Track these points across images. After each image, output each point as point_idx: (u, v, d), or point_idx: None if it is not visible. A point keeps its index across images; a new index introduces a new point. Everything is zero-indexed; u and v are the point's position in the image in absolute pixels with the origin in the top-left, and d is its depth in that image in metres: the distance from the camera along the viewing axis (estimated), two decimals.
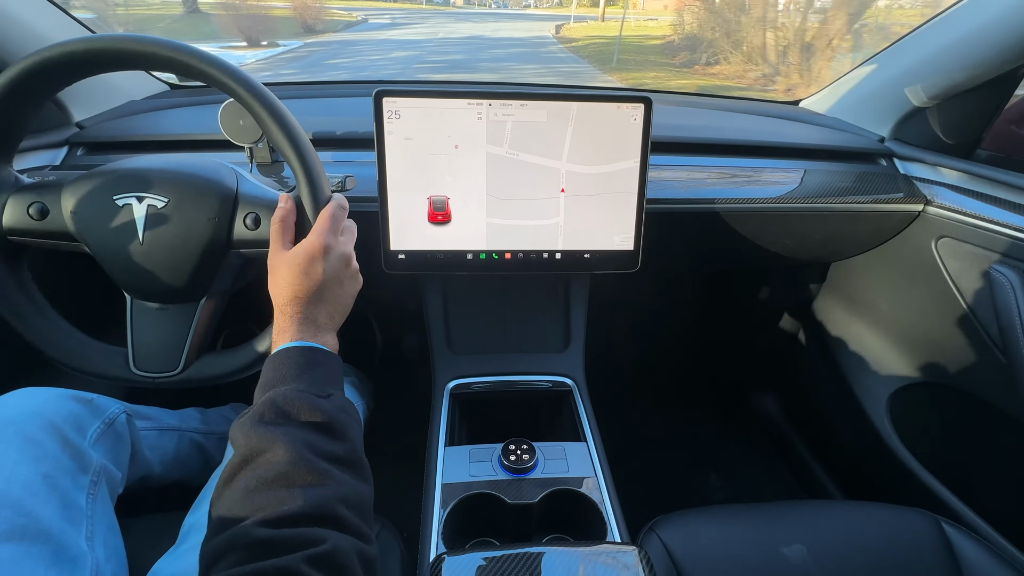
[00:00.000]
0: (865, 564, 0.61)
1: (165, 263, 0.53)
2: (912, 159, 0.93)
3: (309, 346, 0.46)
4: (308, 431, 0.39)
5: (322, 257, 0.49)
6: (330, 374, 0.46)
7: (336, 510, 0.35)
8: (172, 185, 0.53)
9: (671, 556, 0.60)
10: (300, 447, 0.37)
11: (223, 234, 0.54)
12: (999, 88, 0.83)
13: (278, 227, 0.51)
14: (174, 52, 0.46)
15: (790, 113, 1.13)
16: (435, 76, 8.34)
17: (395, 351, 1.33)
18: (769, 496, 1.21)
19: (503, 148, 0.69)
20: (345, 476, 0.38)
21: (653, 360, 1.48)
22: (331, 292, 0.50)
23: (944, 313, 0.86)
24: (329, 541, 0.32)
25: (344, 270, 0.51)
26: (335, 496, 0.36)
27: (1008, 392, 0.73)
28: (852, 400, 1.04)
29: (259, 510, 0.33)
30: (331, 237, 0.50)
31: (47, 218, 0.52)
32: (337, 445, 0.40)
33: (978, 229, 0.77)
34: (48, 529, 0.45)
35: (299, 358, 0.45)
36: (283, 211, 0.51)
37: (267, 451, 0.37)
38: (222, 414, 0.85)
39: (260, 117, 0.49)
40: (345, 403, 0.44)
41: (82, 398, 0.57)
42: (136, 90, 0.97)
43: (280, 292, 0.49)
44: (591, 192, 0.72)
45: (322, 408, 0.41)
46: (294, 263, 0.48)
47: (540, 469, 0.65)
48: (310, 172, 0.50)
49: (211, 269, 0.56)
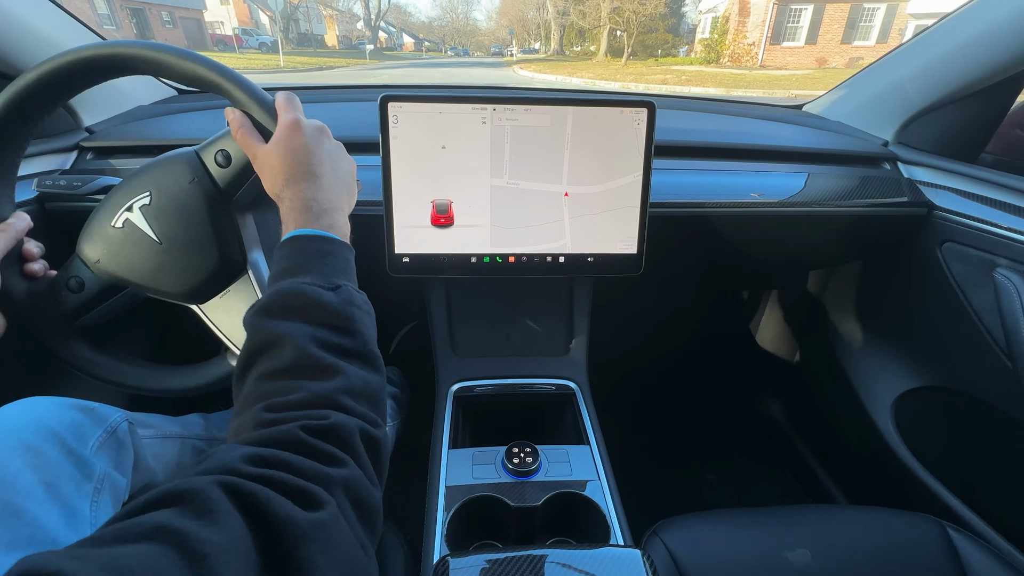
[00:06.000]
0: (870, 569, 0.60)
1: (190, 247, 0.55)
2: (916, 163, 0.93)
3: (315, 234, 0.45)
4: (314, 326, 0.39)
5: (300, 129, 0.49)
6: (338, 263, 0.45)
7: (341, 399, 0.35)
8: (144, 179, 0.54)
9: (675, 560, 0.60)
10: (305, 342, 0.37)
11: (210, 186, 0.54)
12: (1003, 92, 0.83)
13: (240, 134, 0.51)
14: (178, 59, 0.47)
15: (794, 117, 1.13)
16: (439, 81, 8.36)
17: (398, 354, 1.34)
18: (773, 501, 1.20)
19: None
20: (352, 367, 0.38)
21: (656, 364, 1.48)
22: (323, 167, 0.49)
23: (949, 317, 0.86)
24: (331, 418, 0.33)
25: (327, 140, 0.51)
26: (342, 387, 0.36)
27: (1013, 396, 0.73)
28: (857, 404, 1.03)
29: (267, 396, 0.35)
30: (298, 113, 0.50)
31: (86, 287, 0.56)
32: (345, 338, 0.39)
33: (983, 233, 0.77)
34: (54, 537, 0.45)
35: (305, 247, 0.44)
36: (235, 120, 0.51)
37: (276, 344, 0.37)
38: (225, 419, 0.84)
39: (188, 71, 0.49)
40: (353, 294, 0.43)
41: (83, 407, 0.56)
42: (145, 95, 0.98)
43: (274, 182, 0.48)
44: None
45: (328, 301, 0.40)
46: (275, 147, 0.48)
47: (543, 472, 0.65)
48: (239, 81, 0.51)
49: (230, 230, 0.56)
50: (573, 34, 34.68)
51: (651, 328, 1.40)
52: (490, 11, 65.28)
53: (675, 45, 27.84)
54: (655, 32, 24.97)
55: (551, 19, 35.25)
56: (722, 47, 19.70)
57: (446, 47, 55.49)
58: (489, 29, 61.09)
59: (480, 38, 60.29)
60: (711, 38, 20.45)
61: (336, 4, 44.66)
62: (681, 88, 11.46)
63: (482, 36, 60.70)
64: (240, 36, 28.88)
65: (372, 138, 0.68)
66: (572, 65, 21.80)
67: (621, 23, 23.03)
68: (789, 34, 18.31)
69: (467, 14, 64.21)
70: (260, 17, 33.52)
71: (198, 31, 27.48)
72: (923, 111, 0.91)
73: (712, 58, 20.06)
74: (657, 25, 24.59)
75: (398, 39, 57.03)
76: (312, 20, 40.99)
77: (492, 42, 55.33)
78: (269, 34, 31.09)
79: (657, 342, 1.44)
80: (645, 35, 24.71)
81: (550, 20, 35.86)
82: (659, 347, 1.45)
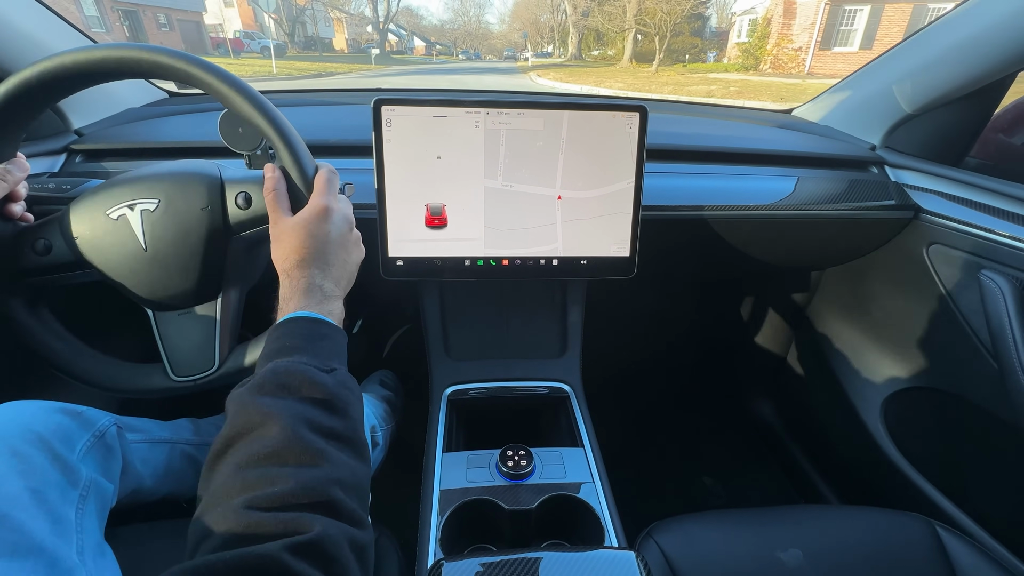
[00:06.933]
0: (860, 568, 0.61)
1: (173, 265, 0.54)
2: (903, 167, 0.94)
3: (315, 317, 0.45)
4: (307, 405, 0.38)
5: (327, 218, 0.49)
6: (335, 347, 0.45)
7: (329, 492, 0.33)
8: (158, 186, 0.54)
9: (668, 561, 0.60)
10: (297, 423, 0.36)
11: (219, 221, 0.54)
12: (987, 97, 0.85)
13: (271, 196, 0.51)
14: (172, 60, 0.47)
15: (782, 121, 1.15)
16: (433, 85, 8.32)
17: (392, 357, 1.33)
18: (765, 501, 1.21)
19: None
20: (342, 456, 0.37)
21: (649, 366, 1.49)
22: (337, 256, 0.50)
23: (936, 319, 0.87)
24: (316, 529, 0.30)
25: (348, 234, 0.52)
26: (329, 478, 0.34)
27: (999, 396, 0.74)
28: (847, 405, 1.04)
29: (248, 488, 0.32)
30: (332, 199, 0.50)
31: (52, 253, 0.53)
32: (337, 421, 0.38)
33: (968, 236, 0.79)
34: (40, 544, 0.44)
35: (304, 329, 0.44)
36: (272, 180, 0.51)
37: (262, 425, 0.36)
38: (215, 424, 0.84)
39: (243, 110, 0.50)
40: (347, 379, 0.43)
41: (71, 411, 0.56)
42: (135, 97, 0.97)
43: (285, 258, 0.48)
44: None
45: (324, 383, 0.40)
46: (299, 226, 0.48)
47: (537, 475, 0.65)
48: (292, 142, 0.51)
49: (218, 261, 0.56)
50: (591, 38, 32.79)
51: (643, 330, 1.41)
52: (503, 14, 64.95)
53: (703, 50, 25.32)
54: (680, 36, 22.33)
55: (569, 22, 33.01)
56: (762, 52, 17.36)
57: (457, 51, 55.03)
58: (501, 32, 60.87)
59: (492, 41, 59.98)
60: (750, 42, 18.06)
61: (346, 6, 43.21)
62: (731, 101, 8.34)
63: (494, 40, 60.43)
64: (241, 40, 27.35)
65: (364, 141, 0.68)
66: (596, 72, 19.19)
67: (652, 26, 20.49)
68: (841, 38, 15.90)
69: (479, 17, 64.03)
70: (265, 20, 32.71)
71: (197, 34, 26.16)
72: (910, 116, 0.92)
73: (750, 64, 17.75)
74: (682, 28, 22.05)
75: (409, 42, 56.26)
76: (320, 23, 40.05)
77: (504, 45, 54.83)
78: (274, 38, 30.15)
79: (649, 344, 1.44)
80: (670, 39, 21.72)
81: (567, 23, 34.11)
82: (651, 349, 1.46)
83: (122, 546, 0.54)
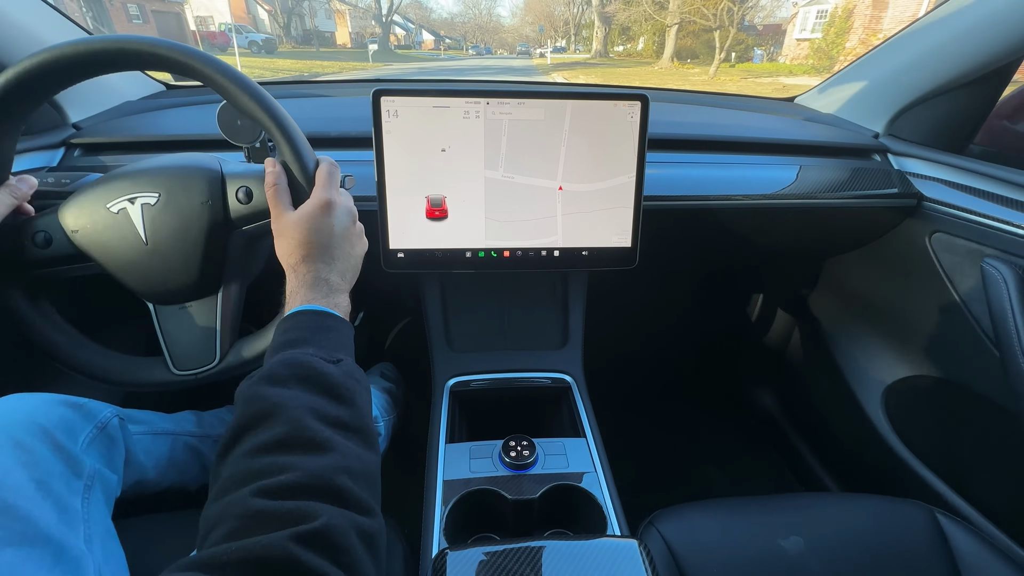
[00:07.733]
0: (861, 555, 0.62)
1: (173, 259, 0.54)
2: (906, 155, 0.94)
3: (321, 310, 0.46)
4: (315, 395, 0.38)
5: (330, 212, 0.49)
6: (341, 339, 0.45)
7: (336, 480, 0.33)
8: (159, 179, 0.53)
9: (670, 549, 0.61)
10: (304, 412, 0.36)
11: (220, 215, 0.54)
12: (991, 84, 0.84)
13: (273, 191, 0.51)
14: (168, 51, 0.47)
15: (785, 109, 1.14)
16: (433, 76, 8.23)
17: (394, 349, 1.34)
18: (767, 489, 1.22)
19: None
20: (350, 444, 0.37)
21: (651, 356, 1.49)
22: (341, 250, 0.50)
23: (938, 307, 0.87)
24: (322, 517, 0.30)
25: (352, 227, 0.52)
26: (337, 466, 0.34)
27: (1000, 384, 0.74)
28: (848, 394, 1.05)
29: (256, 477, 0.32)
30: (334, 193, 0.50)
31: (52, 245, 0.53)
32: (343, 410, 0.39)
33: (971, 224, 0.78)
34: (47, 532, 0.45)
35: (310, 322, 0.45)
36: (273, 175, 0.51)
37: (270, 415, 0.36)
38: (219, 416, 0.84)
39: (243, 103, 0.49)
40: (354, 369, 0.44)
41: (73, 403, 0.56)
42: (132, 90, 0.96)
43: (290, 253, 0.48)
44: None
45: (330, 372, 0.40)
46: (303, 220, 0.48)
47: (540, 465, 0.66)
48: (293, 136, 0.51)
49: (218, 256, 0.56)
50: (615, 31, 28.97)
51: (644, 320, 1.41)
52: (515, 7, 62.59)
53: (749, 47, 20.82)
54: (721, 28, 16.48)
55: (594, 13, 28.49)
56: (838, 51, 13.99)
57: (467, 45, 53.20)
58: (513, 26, 58.74)
59: (504, 35, 57.90)
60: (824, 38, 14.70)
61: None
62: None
63: (505, 33, 58.27)
64: (225, 33, 22.52)
65: (364, 133, 0.68)
66: (633, 74, 15.84)
67: (711, 17, 16.08)
68: None
69: (490, 10, 62.16)
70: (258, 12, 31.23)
71: (177, 27, 23.26)
72: (913, 103, 0.91)
73: (823, 65, 14.39)
74: (724, 20, 16.54)
75: (417, 36, 53.89)
76: (319, 15, 38.32)
77: (516, 39, 52.02)
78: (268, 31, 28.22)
79: (650, 334, 1.45)
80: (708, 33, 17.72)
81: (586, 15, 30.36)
82: (652, 339, 1.46)
83: (126, 537, 0.55)
